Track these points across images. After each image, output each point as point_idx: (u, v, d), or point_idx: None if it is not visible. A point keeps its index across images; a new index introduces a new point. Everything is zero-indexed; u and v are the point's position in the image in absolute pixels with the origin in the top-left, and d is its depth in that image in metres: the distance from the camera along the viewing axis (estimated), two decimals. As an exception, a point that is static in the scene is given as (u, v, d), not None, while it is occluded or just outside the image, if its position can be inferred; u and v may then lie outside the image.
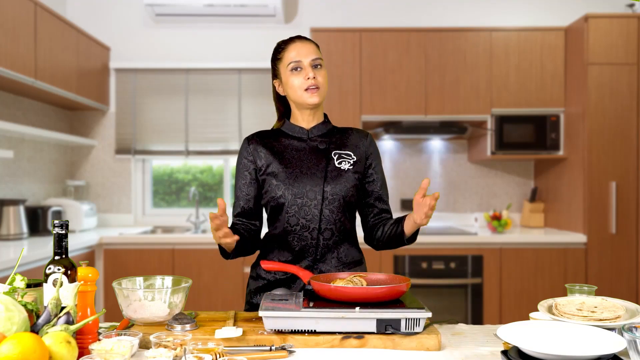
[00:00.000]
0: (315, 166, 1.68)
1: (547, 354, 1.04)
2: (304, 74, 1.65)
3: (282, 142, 1.74)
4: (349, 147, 1.73)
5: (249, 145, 1.74)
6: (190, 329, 1.36)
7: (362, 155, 1.73)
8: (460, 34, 3.86)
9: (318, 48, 1.72)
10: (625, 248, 3.52)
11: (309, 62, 1.66)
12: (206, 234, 3.77)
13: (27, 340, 0.99)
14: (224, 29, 4.30)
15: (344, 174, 1.68)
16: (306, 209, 1.65)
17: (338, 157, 1.71)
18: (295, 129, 1.74)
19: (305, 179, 1.66)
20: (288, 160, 1.69)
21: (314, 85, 1.65)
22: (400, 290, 1.38)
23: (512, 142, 3.84)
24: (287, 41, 1.71)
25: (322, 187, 1.65)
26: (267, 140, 1.74)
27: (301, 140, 1.73)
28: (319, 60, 1.68)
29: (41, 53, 3.23)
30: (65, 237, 1.20)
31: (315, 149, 1.71)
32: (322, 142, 1.73)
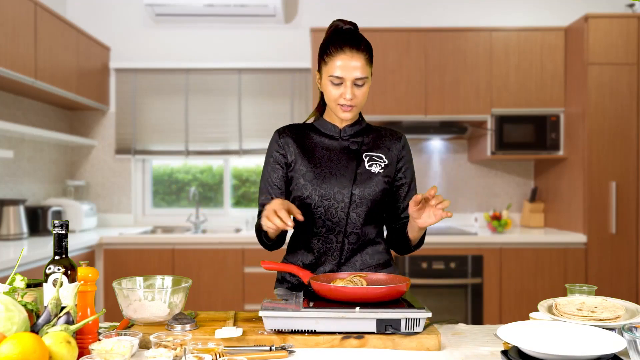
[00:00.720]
0: (345, 167, 1.62)
1: (547, 354, 1.04)
2: (343, 90, 1.56)
3: (313, 139, 1.68)
4: (381, 149, 1.67)
5: (280, 138, 1.68)
6: (190, 329, 1.36)
7: (393, 159, 1.67)
8: (460, 34, 3.86)
9: (369, 58, 1.58)
10: (625, 248, 3.52)
11: (351, 80, 1.55)
12: (206, 234, 3.77)
13: (27, 340, 0.99)
14: (224, 29, 4.30)
15: (373, 177, 1.63)
16: (332, 212, 1.60)
17: (369, 159, 1.65)
18: (327, 126, 1.69)
19: (333, 181, 1.61)
20: (317, 160, 1.64)
21: (350, 105, 1.58)
22: (400, 290, 1.38)
23: (512, 142, 3.84)
24: (336, 46, 1.56)
25: (350, 189, 1.60)
26: (298, 136, 1.69)
27: (333, 139, 1.67)
28: (363, 79, 1.56)
29: (41, 53, 3.23)
30: (65, 237, 1.20)
31: (346, 149, 1.65)
32: (354, 142, 1.67)
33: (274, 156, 1.68)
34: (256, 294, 3.60)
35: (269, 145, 1.71)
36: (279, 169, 1.67)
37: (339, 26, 1.63)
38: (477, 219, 4.22)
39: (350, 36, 1.58)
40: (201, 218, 4.23)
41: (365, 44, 1.58)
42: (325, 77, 1.59)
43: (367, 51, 1.57)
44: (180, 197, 4.45)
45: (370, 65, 1.59)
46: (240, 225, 4.24)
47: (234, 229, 4.12)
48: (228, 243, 3.62)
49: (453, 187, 4.30)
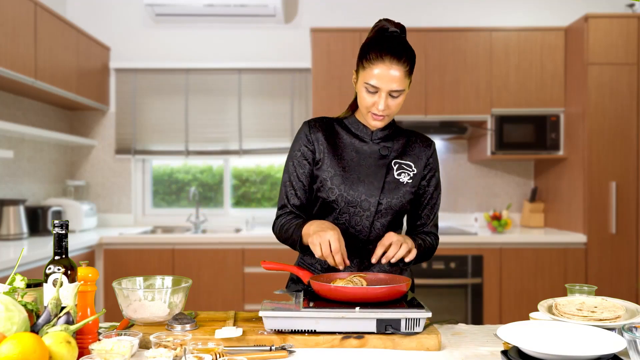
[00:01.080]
0: (374, 174, 1.58)
1: (547, 354, 1.04)
2: (377, 100, 1.50)
3: (343, 138, 1.62)
4: (410, 157, 1.62)
5: (310, 132, 1.62)
6: (190, 329, 1.36)
7: (421, 168, 1.63)
8: (460, 34, 3.86)
9: (409, 70, 1.50)
10: (625, 248, 3.52)
11: (387, 92, 1.49)
12: (206, 234, 3.77)
13: (27, 340, 0.99)
14: (224, 29, 4.30)
15: (401, 187, 1.59)
16: (357, 219, 1.58)
17: (398, 167, 1.60)
18: (359, 126, 1.63)
19: (361, 188, 1.57)
20: (346, 162, 1.59)
21: (382, 115, 1.52)
22: (400, 290, 1.38)
23: (512, 142, 3.84)
24: (377, 53, 1.48)
25: (377, 198, 1.57)
26: (328, 132, 1.63)
27: (363, 141, 1.62)
28: (400, 91, 1.50)
29: (41, 53, 3.23)
30: (65, 237, 1.20)
31: (376, 155, 1.60)
32: (385, 147, 1.61)
33: (302, 151, 1.62)
34: (256, 294, 3.60)
35: (297, 138, 1.64)
36: (306, 164, 1.62)
37: (384, 27, 1.56)
38: (477, 219, 4.22)
39: (393, 44, 1.50)
40: (201, 218, 4.23)
41: (408, 54, 1.50)
42: (361, 82, 1.53)
43: (408, 62, 1.50)
44: (180, 197, 4.45)
45: (409, 76, 1.52)
46: (240, 225, 4.24)
47: (234, 229, 4.12)
48: (228, 243, 3.62)
49: (453, 187, 4.30)
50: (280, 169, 4.43)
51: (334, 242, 1.39)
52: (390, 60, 1.47)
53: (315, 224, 1.49)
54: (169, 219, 4.36)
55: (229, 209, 4.40)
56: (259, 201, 4.43)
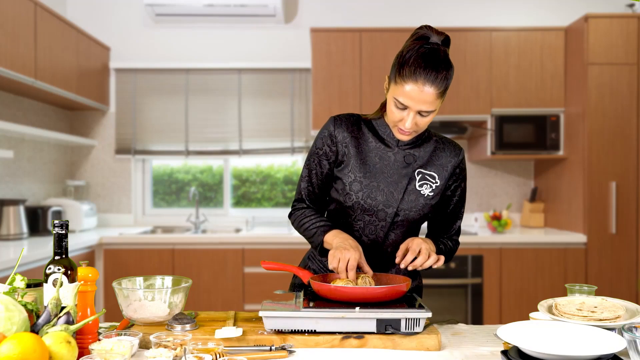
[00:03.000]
0: (395, 184, 1.53)
1: (547, 354, 1.04)
2: (405, 116, 1.44)
3: (369, 143, 1.56)
4: (434, 167, 1.56)
5: (336, 131, 1.56)
6: (190, 329, 1.36)
7: (445, 179, 1.57)
8: (460, 34, 3.86)
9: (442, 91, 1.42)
10: (625, 248, 3.52)
11: (416, 111, 1.42)
12: (206, 234, 3.77)
13: (27, 340, 0.99)
14: (224, 29, 4.30)
15: (421, 199, 1.54)
16: (372, 228, 1.55)
17: (421, 177, 1.54)
18: (387, 130, 1.56)
19: (380, 197, 1.52)
20: (369, 168, 1.54)
21: (408, 132, 1.47)
22: (400, 290, 1.38)
23: (512, 142, 3.84)
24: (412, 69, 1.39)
25: (395, 209, 1.53)
26: (355, 134, 1.56)
27: (388, 147, 1.55)
28: (430, 112, 1.43)
29: (41, 53, 3.23)
30: (65, 237, 1.20)
31: (400, 163, 1.54)
32: (410, 155, 1.55)
33: (324, 150, 1.58)
34: (256, 294, 3.60)
35: (322, 134, 1.58)
36: (326, 164, 1.59)
37: (425, 36, 1.44)
38: (477, 219, 4.22)
39: (431, 61, 1.39)
40: (201, 218, 4.23)
41: (444, 75, 1.40)
42: (391, 95, 1.46)
43: (443, 83, 1.40)
44: (180, 197, 4.45)
45: (442, 97, 1.44)
46: (240, 225, 4.24)
47: (234, 229, 4.12)
48: (228, 243, 3.62)
49: (453, 187, 4.29)
50: (280, 168, 4.44)
51: (352, 261, 1.40)
52: (424, 81, 1.39)
53: (340, 237, 1.49)
54: (169, 219, 4.36)
55: (229, 209, 4.40)
56: (259, 201, 4.43)
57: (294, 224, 1.65)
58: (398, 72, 1.42)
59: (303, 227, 1.61)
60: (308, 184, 1.62)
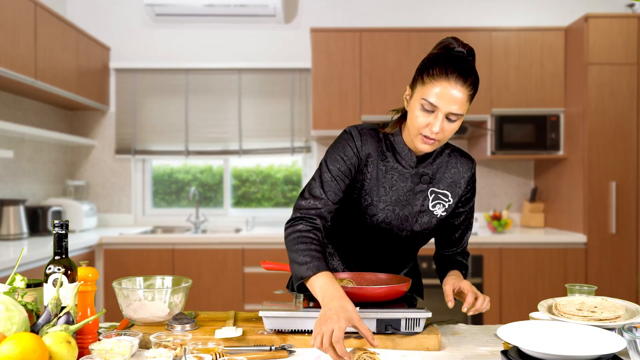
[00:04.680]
0: (410, 207, 1.49)
1: (547, 354, 1.04)
2: (432, 121, 1.36)
3: (388, 161, 1.48)
4: (447, 185, 1.51)
5: (363, 146, 1.47)
6: (190, 329, 1.36)
7: (458, 195, 1.53)
8: (460, 34, 3.85)
9: (471, 94, 1.39)
10: (625, 248, 3.52)
11: (445, 113, 1.36)
12: (206, 234, 3.77)
13: (27, 340, 0.99)
14: (224, 29, 4.30)
15: (433, 219, 1.51)
16: (380, 245, 1.54)
17: (434, 197, 1.50)
18: (404, 150, 1.48)
19: (395, 221, 1.49)
20: (385, 191, 1.47)
21: (433, 139, 1.38)
22: (400, 290, 1.38)
23: (512, 142, 3.84)
24: (443, 69, 1.36)
25: (409, 232, 1.50)
26: (378, 152, 1.48)
27: (404, 167, 1.49)
28: (458, 116, 1.37)
29: (41, 53, 3.23)
30: (65, 237, 1.20)
31: (415, 184, 1.49)
32: (425, 175, 1.49)
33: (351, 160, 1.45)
34: (256, 294, 3.60)
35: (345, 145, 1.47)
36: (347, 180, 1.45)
37: (451, 45, 1.44)
38: (477, 219, 4.21)
39: (461, 64, 1.38)
40: (201, 218, 4.23)
41: (474, 78, 1.38)
42: (417, 98, 1.39)
43: (473, 86, 1.38)
44: (180, 197, 4.45)
45: (470, 102, 1.40)
46: (240, 225, 4.24)
47: (234, 229, 4.12)
48: (228, 243, 3.62)
49: (453, 187, 4.30)
50: (280, 168, 4.44)
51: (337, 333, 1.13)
52: (456, 79, 1.35)
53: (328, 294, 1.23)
54: (169, 219, 4.36)
55: (229, 209, 4.40)
56: (259, 201, 4.43)
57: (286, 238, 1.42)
58: (427, 72, 1.37)
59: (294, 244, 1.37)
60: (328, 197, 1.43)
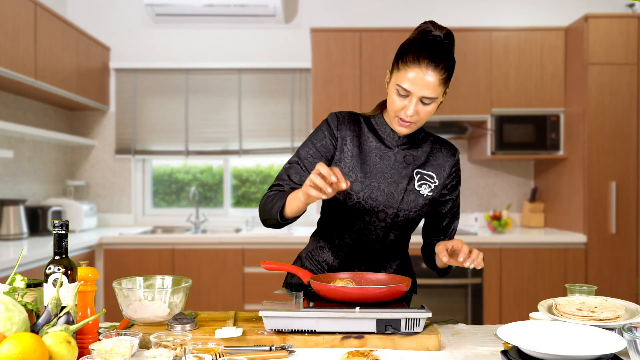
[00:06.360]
0: (395, 184, 1.52)
1: (547, 354, 1.04)
2: (407, 104, 1.43)
3: (369, 141, 1.55)
4: (432, 167, 1.56)
5: (338, 128, 1.54)
6: (190, 329, 1.36)
7: (443, 179, 1.57)
8: (460, 34, 3.86)
9: (445, 78, 1.42)
10: (625, 248, 3.52)
11: (418, 97, 1.42)
12: (206, 234, 3.77)
13: (27, 340, 0.99)
14: (224, 29, 4.30)
15: (420, 199, 1.54)
16: (371, 228, 1.55)
17: (420, 177, 1.54)
18: (386, 130, 1.55)
19: (380, 198, 1.51)
20: (369, 168, 1.52)
21: (409, 121, 1.45)
22: (400, 290, 1.38)
23: (512, 142, 3.84)
24: (414, 55, 1.40)
25: (396, 210, 1.52)
26: (356, 132, 1.54)
27: (388, 147, 1.54)
28: (432, 99, 1.43)
29: (41, 53, 3.23)
30: (65, 237, 1.20)
31: (399, 163, 1.54)
32: (409, 155, 1.55)
33: (324, 143, 1.54)
34: (256, 294, 3.60)
35: (321, 128, 1.55)
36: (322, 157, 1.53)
37: (427, 29, 1.47)
38: (477, 219, 4.22)
39: (433, 49, 1.41)
40: (201, 218, 4.23)
41: (446, 62, 1.42)
42: (393, 83, 1.46)
43: (445, 70, 1.42)
44: (180, 197, 4.45)
45: (445, 84, 1.44)
46: (240, 225, 4.24)
47: (234, 229, 4.12)
48: (228, 243, 3.62)
49: (453, 187, 4.29)
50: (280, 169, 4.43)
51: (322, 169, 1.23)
52: (427, 65, 1.39)
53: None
54: (169, 219, 4.36)
55: (229, 209, 4.40)
56: (259, 201, 4.43)
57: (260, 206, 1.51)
58: (401, 59, 1.43)
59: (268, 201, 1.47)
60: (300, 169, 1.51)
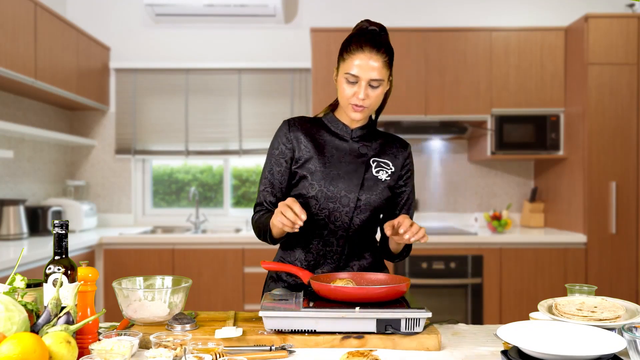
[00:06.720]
0: (354, 171, 1.61)
1: (547, 354, 1.04)
2: (357, 90, 1.54)
3: (323, 136, 1.65)
4: (387, 156, 1.67)
5: (290, 131, 1.64)
6: (190, 329, 1.36)
7: (398, 167, 1.67)
8: (460, 34, 3.86)
9: (387, 61, 1.55)
10: (625, 248, 3.52)
11: (367, 80, 1.53)
12: (206, 234, 3.77)
13: (27, 340, 0.99)
14: (224, 29, 4.30)
15: (379, 184, 1.62)
16: (336, 215, 1.59)
17: (376, 165, 1.64)
18: (339, 125, 1.66)
19: (341, 184, 1.59)
20: (327, 159, 1.61)
21: (361, 106, 1.55)
22: (400, 290, 1.38)
23: (512, 142, 3.84)
24: (357, 45, 1.54)
25: (357, 194, 1.59)
26: (308, 131, 1.65)
27: (342, 140, 1.65)
28: (379, 81, 1.54)
29: (41, 53, 3.23)
30: (65, 237, 1.20)
31: (355, 152, 1.64)
32: (364, 145, 1.65)
33: (280, 149, 1.64)
34: (256, 294, 3.60)
35: (276, 137, 1.66)
36: (283, 163, 1.64)
37: (364, 26, 1.61)
38: (477, 219, 4.22)
39: (372, 37, 1.55)
40: (201, 218, 4.23)
41: (386, 48, 1.55)
42: (341, 74, 1.57)
43: (387, 54, 1.55)
44: (180, 197, 4.45)
45: (388, 68, 1.56)
46: (240, 225, 4.24)
47: (234, 229, 4.12)
48: (228, 243, 3.62)
49: (453, 187, 4.30)
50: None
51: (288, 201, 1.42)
52: (370, 50, 1.53)
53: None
54: (169, 219, 4.36)
55: (229, 209, 4.40)
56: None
57: (254, 229, 1.68)
58: (346, 50, 1.56)
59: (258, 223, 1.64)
60: (267, 186, 1.66)
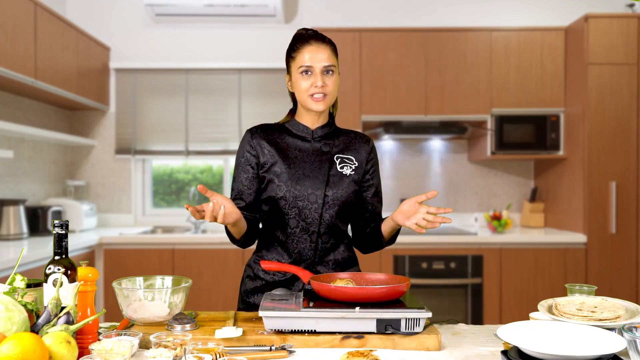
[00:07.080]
0: (318, 169, 1.67)
1: (547, 354, 1.04)
2: (313, 80, 1.63)
3: (286, 139, 1.72)
4: (351, 152, 1.73)
5: (252, 138, 1.72)
6: (190, 329, 1.36)
7: (362, 161, 1.73)
8: (460, 34, 3.86)
9: (334, 50, 1.68)
10: (625, 248, 3.52)
11: (320, 68, 1.63)
12: (206, 234, 3.77)
13: (27, 340, 0.99)
14: (224, 29, 4.30)
15: (345, 178, 1.68)
16: (306, 212, 1.65)
17: (340, 161, 1.70)
18: (300, 127, 1.73)
19: (307, 182, 1.65)
20: (291, 160, 1.67)
21: (321, 93, 1.63)
22: (400, 290, 1.38)
23: (512, 142, 3.84)
24: (302, 41, 1.66)
25: (323, 191, 1.65)
26: (271, 137, 1.72)
27: (305, 140, 1.71)
28: (331, 67, 1.64)
29: (41, 53, 3.23)
30: (65, 237, 1.20)
31: (318, 151, 1.70)
32: (326, 144, 1.71)
33: (245, 157, 1.71)
34: (256, 294, 3.60)
35: (241, 146, 1.73)
36: (250, 169, 1.70)
37: (302, 31, 1.71)
38: (477, 219, 4.22)
39: (314, 33, 1.67)
40: (201, 218, 4.23)
41: (329, 39, 1.69)
42: (295, 72, 1.66)
43: (332, 44, 1.67)
44: (180, 197, 4.45)
45: (336, 57, 1.67)
46: (240, 225, 4.23)
47: (234, 229, 4.11)
48: (228, 243, 3.62)
49: (453, 187, 4.30)
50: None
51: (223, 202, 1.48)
52: (315, 41, 1.65)
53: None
54: (169, 219, 4.36)
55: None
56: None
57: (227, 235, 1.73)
58: (294, 50, 1.66)
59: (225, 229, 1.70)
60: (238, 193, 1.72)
